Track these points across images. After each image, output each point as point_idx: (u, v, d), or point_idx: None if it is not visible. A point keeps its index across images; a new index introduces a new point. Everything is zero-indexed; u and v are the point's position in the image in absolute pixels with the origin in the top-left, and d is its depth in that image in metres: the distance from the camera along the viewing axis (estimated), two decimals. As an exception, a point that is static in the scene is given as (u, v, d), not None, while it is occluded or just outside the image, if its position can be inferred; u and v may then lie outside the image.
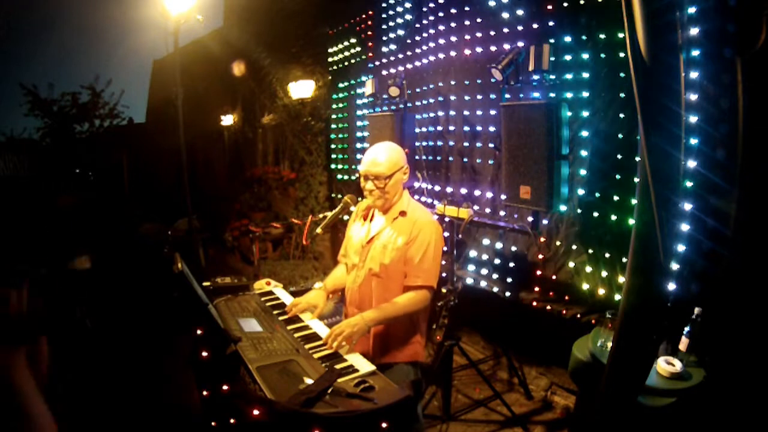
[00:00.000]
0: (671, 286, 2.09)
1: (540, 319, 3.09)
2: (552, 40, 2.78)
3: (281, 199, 7.33)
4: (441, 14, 3.69)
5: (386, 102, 3.76)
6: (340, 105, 5.33)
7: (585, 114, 2.72)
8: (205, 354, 1.59)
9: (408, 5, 4.06)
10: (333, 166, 5.48)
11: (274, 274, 5.59)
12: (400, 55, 4.23)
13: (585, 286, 2.80)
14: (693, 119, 2.05)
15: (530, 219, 3.03)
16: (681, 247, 2.10)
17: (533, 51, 2.59)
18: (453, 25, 3.58)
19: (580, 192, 2.77)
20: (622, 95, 2.50)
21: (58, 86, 10.09)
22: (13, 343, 1.00)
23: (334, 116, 5.45)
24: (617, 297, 2.55)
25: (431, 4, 3.76)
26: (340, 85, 5.26)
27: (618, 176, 2.56)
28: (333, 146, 5.54)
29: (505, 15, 3.12)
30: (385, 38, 4.42)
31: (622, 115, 2.51)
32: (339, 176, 5.38)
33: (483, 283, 3.47)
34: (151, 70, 12.26)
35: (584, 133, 2.73)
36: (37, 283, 1.12)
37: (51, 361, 1.17)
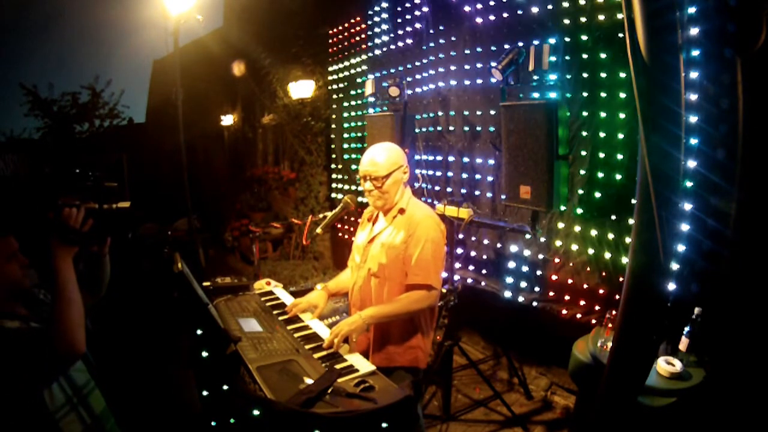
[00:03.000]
0: (671, 286, 2.09)
1: (540, 319, 3.09)
2: (552, 40, 2.78)
3: (281, 199, 7.33)
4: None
5: (386, 102, 3.75)
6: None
7: (585, 114, 2.72)
8: (205, 354, 1.59)
9: (407, 5, 4.06)
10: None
11: (274, 274, 5.59)
12: (401, 55, 4.23)
13: (585, 286, 2.80)
14: (693, 119, 2.05)
15: (530, 219, 3.03)
16: (681, 247, 2.10)
17: (533, 51, 2.59)
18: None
19: (580, 192, 2.77)
20: (622, 95, 2.50)
21: (58, 86, 10.01)
22: (69, 244, 1.37)
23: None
24: (617, 296, 2.55)
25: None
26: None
27: (618, 176, 2.56)
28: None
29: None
30: (386, 38, 4.42)
31: (622, 115, 2.51)
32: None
33: (483, 283, 3.47)
34: (151, 70, 12.23)
35: (584, 133, 2.73)
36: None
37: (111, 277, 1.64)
